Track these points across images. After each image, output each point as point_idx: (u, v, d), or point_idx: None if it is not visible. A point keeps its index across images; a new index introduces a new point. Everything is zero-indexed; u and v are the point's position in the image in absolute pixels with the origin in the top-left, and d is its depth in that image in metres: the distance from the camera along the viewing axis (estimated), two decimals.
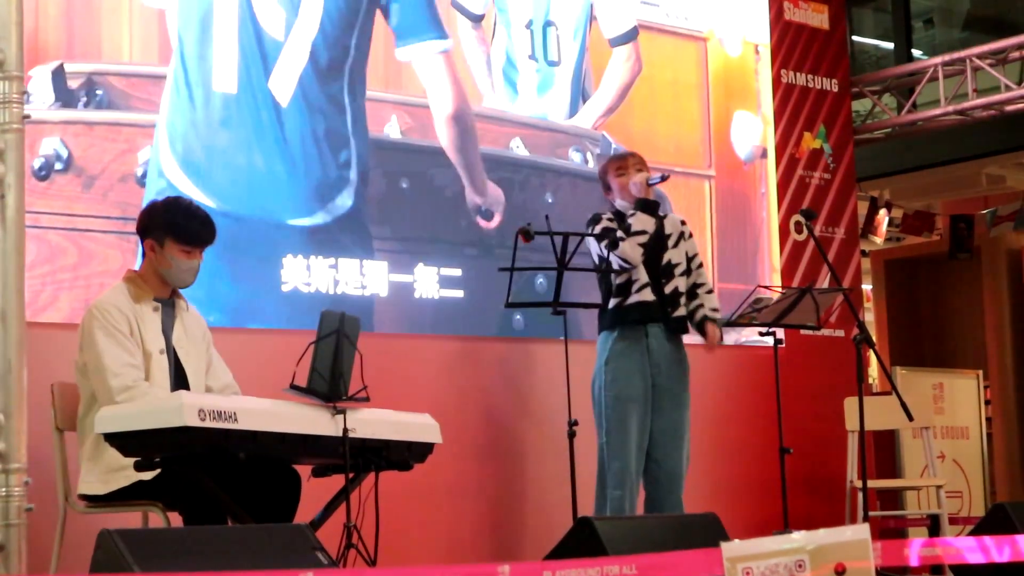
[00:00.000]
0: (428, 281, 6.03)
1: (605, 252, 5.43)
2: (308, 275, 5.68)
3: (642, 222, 5.48)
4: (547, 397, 6.07)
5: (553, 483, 5.91)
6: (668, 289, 5.57)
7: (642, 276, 5.53)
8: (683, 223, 5.73)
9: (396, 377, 5.60)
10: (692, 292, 5.68)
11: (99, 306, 4.34)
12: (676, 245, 5.63)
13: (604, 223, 5.55)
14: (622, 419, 5.45)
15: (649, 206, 5.53)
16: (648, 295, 5.52)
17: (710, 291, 5.73)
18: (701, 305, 5.67)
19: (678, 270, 5.62)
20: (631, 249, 5.44)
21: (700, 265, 5.73)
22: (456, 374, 6.06)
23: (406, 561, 5.31)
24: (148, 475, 4.12)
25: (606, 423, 5.47)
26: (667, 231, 5.62)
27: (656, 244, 5.56)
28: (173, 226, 4.43)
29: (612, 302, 5.54)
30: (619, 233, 5.45)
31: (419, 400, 5.19)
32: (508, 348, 6.26)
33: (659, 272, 5.56)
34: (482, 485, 6.05)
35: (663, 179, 5.58)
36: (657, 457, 5.55)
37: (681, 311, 5.61)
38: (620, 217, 5.58)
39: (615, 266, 5.45)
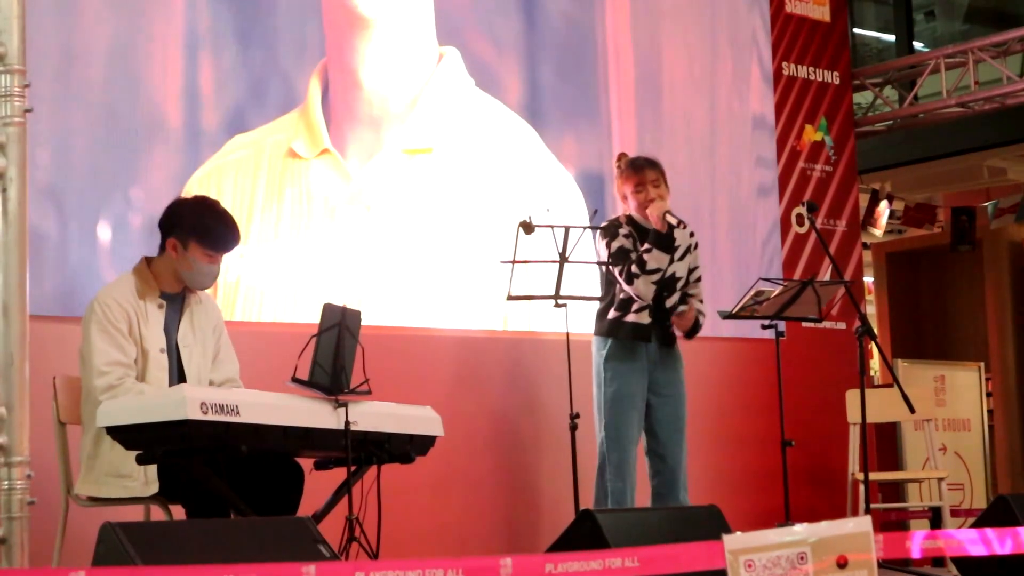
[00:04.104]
0: None
1: (618, 277, 5.43)
2: None
3: (657, 260, 5.42)
4: (549, 390, 6.07)
5: (555, 476, 5.92)
6: (668, 303, 5.53)
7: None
8: (691, 234, 5.63)
9: (398, 370, 5.59)
10: (683, 299, 5.61)
11: (100, 299, 4.26)
12: (682, 258, 5.56)
13: (620, 240, 5.50)
14: (622, 413, 5.46)
15: (665, 242, 5.45)
16: (645, 318, 5.49)
17: (700, 301, 5.66)
18: (690, 296, 5.62)
19: (680, 283, 5.56)
20: (645, 288, 5.42)
21: (699, 279, 5.66)
22: (458, 367, 6.06)
23: (408, 554, 5.31)
24: (143, 490, 4.14)
25: (605, 417, 5.48)
26: (676, 242, 5.53)
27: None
28: (200, 229, 4.28)
29: (611, 313, 5.52)
30: (634, 268, 5.41)
31: (421, 393, 5.19)
32: (510, 341, 6.26)
33: (662, 287, 5.50)
34: (484, 478, 6.04)
35: (680, 224, 5.50)
36: (660, 452, 5.57)
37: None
38: (635, 226, 5.55)
39: (626, 290, 5.45)
